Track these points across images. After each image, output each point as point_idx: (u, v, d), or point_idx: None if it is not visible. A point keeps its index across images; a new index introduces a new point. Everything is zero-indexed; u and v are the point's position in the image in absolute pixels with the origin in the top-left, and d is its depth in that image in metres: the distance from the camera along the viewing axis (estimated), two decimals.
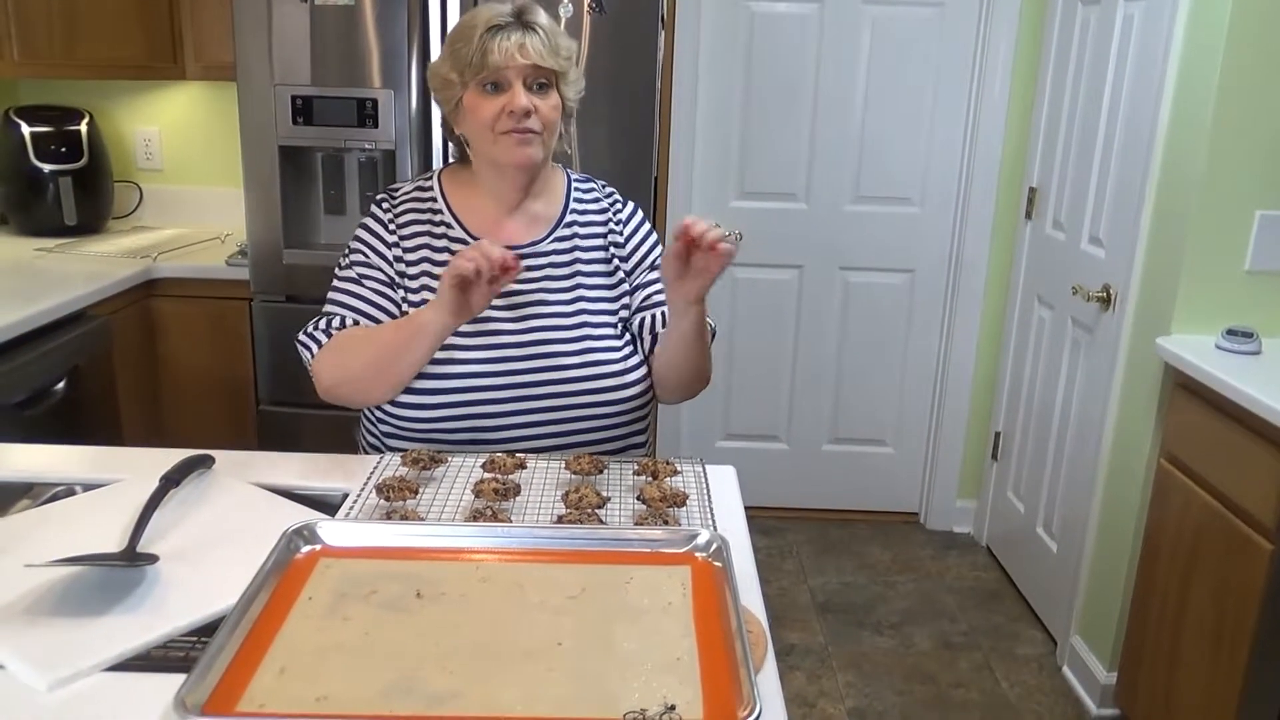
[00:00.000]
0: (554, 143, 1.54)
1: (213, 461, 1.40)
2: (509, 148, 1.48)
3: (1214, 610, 2.00)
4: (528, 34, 1.45)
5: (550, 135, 1.51)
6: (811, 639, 2.83)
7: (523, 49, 1.43)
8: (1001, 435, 3.32)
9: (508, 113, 1.45)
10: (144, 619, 1.02)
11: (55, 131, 2.93)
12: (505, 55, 1.43)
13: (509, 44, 1.43)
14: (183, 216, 3.27)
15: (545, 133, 1.49)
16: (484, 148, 1.52)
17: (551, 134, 1.51)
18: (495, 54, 1.43)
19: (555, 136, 1.53)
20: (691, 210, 3.27)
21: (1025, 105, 3.15)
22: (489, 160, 1.53)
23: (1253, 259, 2.20)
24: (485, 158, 1.54)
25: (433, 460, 1.39)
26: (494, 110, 1.46)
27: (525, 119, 1.45)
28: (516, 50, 1.43)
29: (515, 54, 1.43)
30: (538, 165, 1.52)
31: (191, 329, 2.75)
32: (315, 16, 2.45)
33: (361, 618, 1.00)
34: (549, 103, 1.48)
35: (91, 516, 1.24)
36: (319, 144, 2.56)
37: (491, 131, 1.48)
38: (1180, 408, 2.18)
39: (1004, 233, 3.26)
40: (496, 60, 1.43)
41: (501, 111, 1.45)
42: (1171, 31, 2.27)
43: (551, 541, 1.14)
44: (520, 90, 1.45)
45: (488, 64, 1.44)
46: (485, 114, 1.47)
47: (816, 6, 3.15)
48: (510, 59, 1.43)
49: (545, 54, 1.45)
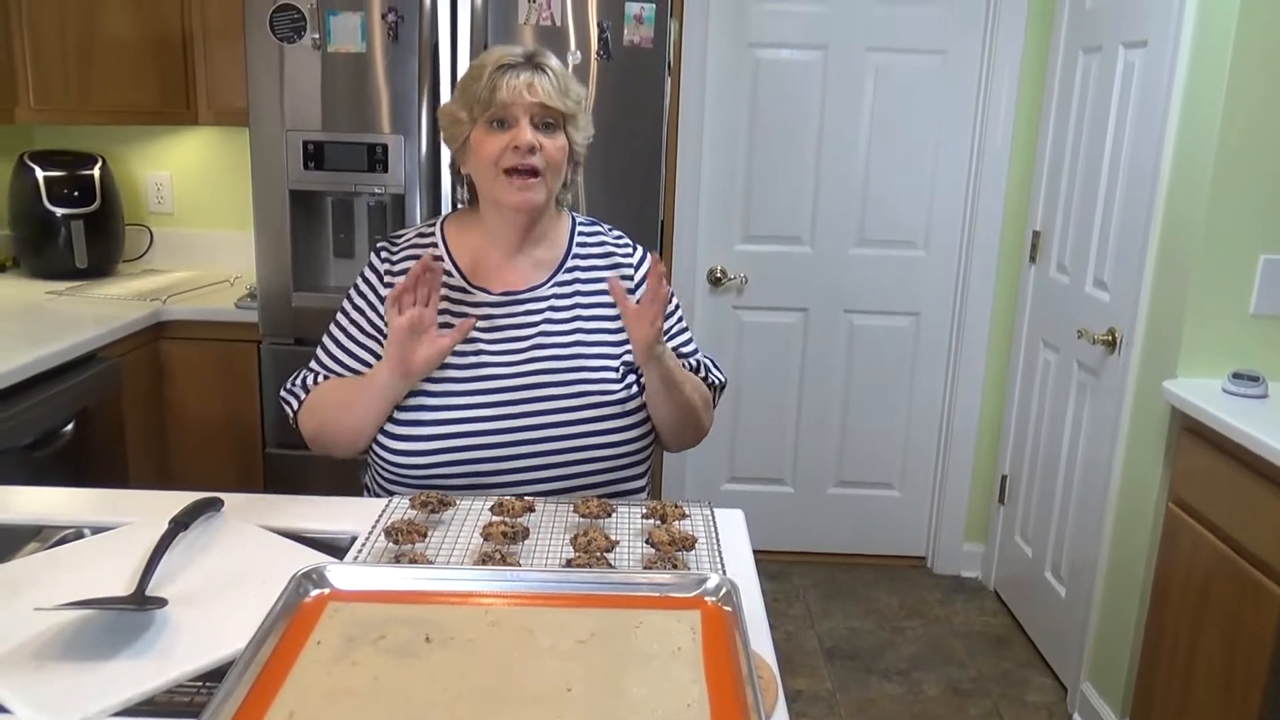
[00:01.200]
0: (557, 186, 1.55)
1: (221, 504, 1.40)
2: (510, 190, 1.50)
3: (1225, 656, 1.99)
4: (537, 74, 1.47)
5: (554, 177, 1.52)
6: (819, 685, 2.80)
7: (531, 87, 1.46)
8: (1008, 479, 3.31)
9: (512, 148, 1.47)
10: (152, 663, 1.02)
11: (68, 176, 2.97)
12: (513, 92, 1.45)
13: (518, 82, 1.46)
14: (193, 260, 3.30)
15: (548, 173, 1.50)
16: (486, 186, 1.53)
17: (555, 176, 1.52)
18: (503, 91, 1.45)
19: (559, 180, 1.55)
20: (697, 250, 3.30)
21: (1028, 150, 3.18)
22: (491, 200, 1.55)
23: (1257, 303, 2.21)
24: (488, 198, 1.55)
25: (441, 503, 1.39)
26: (499, 146, 1.48)
27: (529, 155, 1.47)
28: (525, 88, 1.45)
29: (523, 91, 1.45)
30: (538, 209, 1.54)
31: (200, 371, 2.76)
32: (327, 63, 2.50)
33: (370, 662, 0.99)
34: (555, 143, 1.50)
35: (100, 559, 1.24)
36: (329, 188, 2.59)
37: (495, 168, 1.49)
38: (1188, 451, 2.17)
39: (1008, 276, 3.28)
40: (504, 97, 1.45)
41: (506, 147, 1.47)
42: (1172, 78, 2.30)
43: (560, 586, 1.14)
44: (526, 127, 1.47)
45: (496, 100, 1.46)
46: (490, 150, 1.48)
47: (820, 54, 3.19)
48: (518, 96, 1.45)
49: (554, 94, 1.47)
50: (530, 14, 2.45)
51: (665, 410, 1.56)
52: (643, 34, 2.46)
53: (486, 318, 1.56)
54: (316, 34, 2.47)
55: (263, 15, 2.46)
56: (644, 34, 2.46)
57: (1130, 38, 2.55)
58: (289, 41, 2.48)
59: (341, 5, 2.46)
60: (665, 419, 1.57)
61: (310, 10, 2.46)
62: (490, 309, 1.57)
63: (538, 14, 2.44)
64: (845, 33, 3.17)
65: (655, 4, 2.45)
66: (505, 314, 1.57)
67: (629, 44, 2.47)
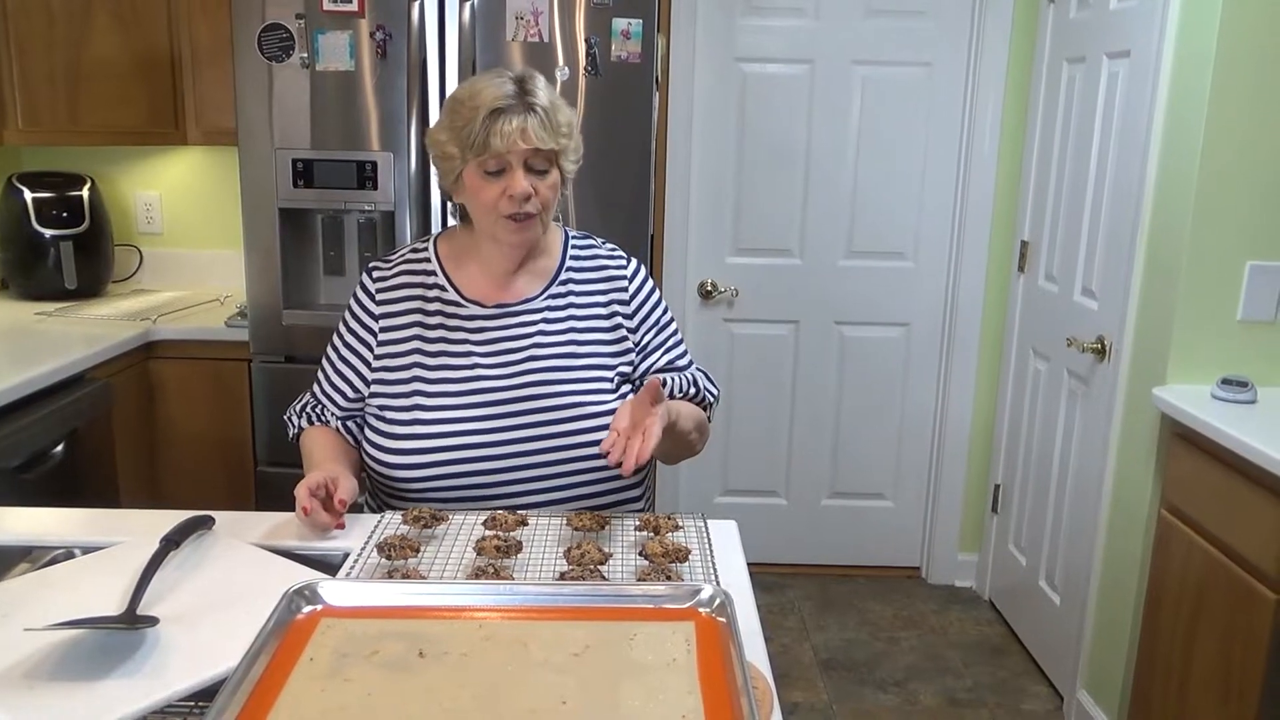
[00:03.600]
0: (551, 217, 1.58)
1: (213, 522, 1.39)
2: (508, 233, 1.52)
3: (1221, 662, 1.99)
4: (529, 115, 1.46)
5: (549, 213, 1.55)
6: (815, 697, 2.79)
7: (524, 134, 1.45)
8: (1001, 488, 3.32)
9: (508, 196, 1.48)
10: (144, 682, 1.01)
11: (57, 197, 2.96)
12: (508, 141, 1.45)
13: (510, 129, 1.45)
14: (183, 279, 3.30)
15: (544, 212, 1.53)
16: (485, 226, 1.55)
17: (549, 211, 1.55)
18: (497, 139, 1.45)
19: (553, 211, 1.57)
20: (687, 264, 3.31)
21: (1014, 160, 3.20)
22: (490, 236, 1.56)
23: (1244, 309, 2.22)
24: (485, 233, 1.57)
25: (434, 518, 1.38)
26: (495, 194, 1.49)
27: (525, 203, 1.49)
28: (519, 136, 1.45)
29: (517, 140, 1.45)
30: (537, 241, 1.57)
31: (191, 390, 2.76)
32: (316, 82, 2.50)
33: (364, 678, 0.99)
34: (547, 183, 1.51)
35: (91, 579, 1.23)
36: (319, 206, 2.59)
37: (494, 212, 1.51)
38: (1179, 458, 2.18)
39: (997, 286, 3.29)
40: (499, 146, 1.45)
41: (502, 195, 1.48)
42: (1155, 88, 2.32)
43: (554, 599, 1.13)
44: (520, 176, 1.47)
45: (490, 148, 1.46)
46: (486, 198, 1.50)
47: (807, 67, 3.21)
48: (513, 144, 1.45)
49: (545, 136, 1.47)
50: (518, 31, 2.46)
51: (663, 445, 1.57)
52: (630, 49, 2.47)
53: (480, 330, 1.57)
54: (305, 53, 2.47)
55: (251, 35, 2.47)
56: (631, 49, 2.48)
57: (1113, 48, 2.57)
58: (277, 61, 2.48)
59: (329, 24, 2.47)
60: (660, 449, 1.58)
61: (298, 30, 2.46)
62: (484, 321, 1.58)
63: (525, 31, 2.46)
64: (831, 46, 3.19)
65: (642, 20, 2.47)
66: (499, 325, 1.58)
67: (617, 59, 2.48)
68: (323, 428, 1.63)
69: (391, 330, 1.59)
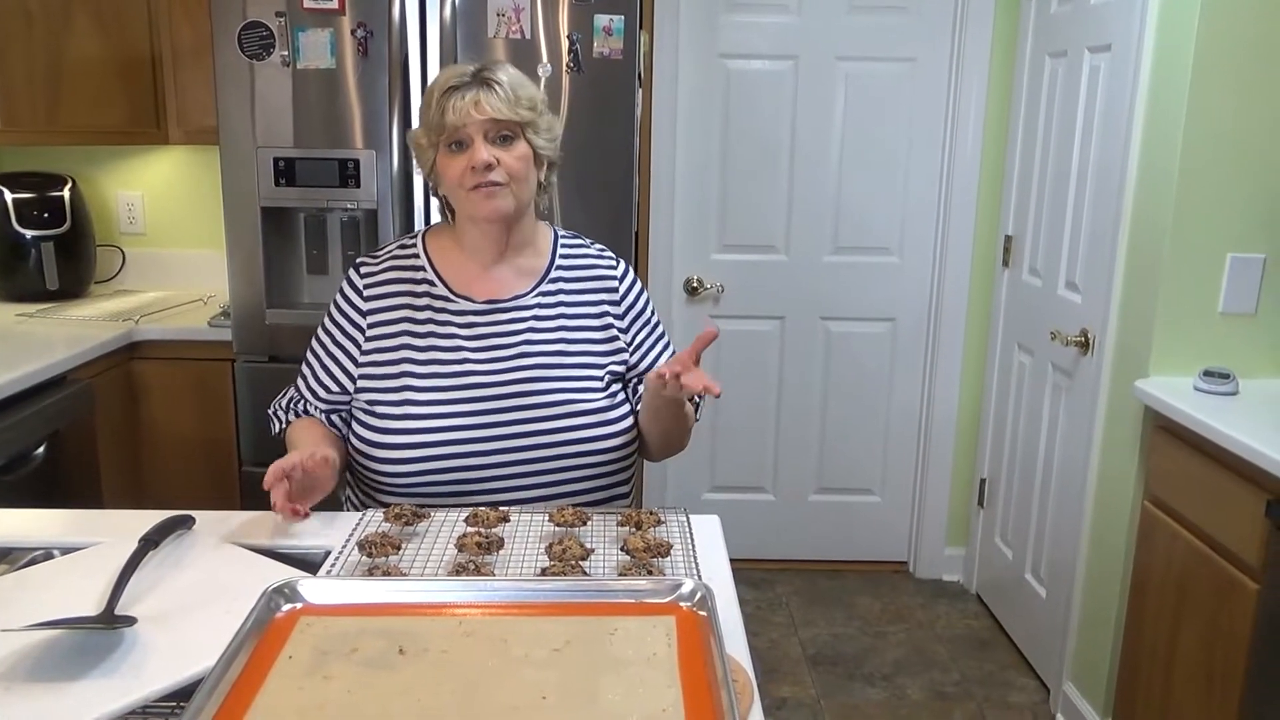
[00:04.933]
0: (527, 194, 1.55)
1: (193, 522, 1.38)
2: (478, 202, 1.51)
3: (1204, 653, 2.00)
4: (484, 90, 1.47)
5: (520, 186, 1.52)
6: (803, 692, 2.79)
7: (478, 105, 1.46)
8: (987, 482, 3.33)
9: (471, 168, 1.48)
10: (121, 683, 1.01)
11: (38, 198, 2.94)
12: (461, 113, 1.47)
13: (464, 102, 1.47)
14: (166, 280, 3.28)
15: (513, 183, 1.51)
16: (459, 205, 1.56)
17: (521, 184, 1.52)
18: (451, 113, 1.47)
19: (528, 187, 1.54)
20: (673, 260, 3.30)
21: (998, 155, 3.21)
22: (466, 216, 1.57)
23: (1225, 301, 2.23)
24: (463, 214, 1.58)
25: (415, 515, 1.38)
26: (460, 168, 1.49)
27: (488, 172, 1.48)
28: (472, 107, 1.46)
29: (471, 110, 1.46)
30: (509, 216, 1.54)
31: (174, 391, 2.74)
32: (297, 80, 2.49)
33: (343, 676, 0.98)
34: (513, 154, 1.50)
35: (69, 580, 1.22)
36: (301, 205, 2.58)
37: (461, 188, 1.51)
38: (1161, 450, 2.19)
39: (982, 280, 3.30)
40: (453, 119, 1.47)
41: (466, 168, 1.49)
42: (1136, 81, 2.33)
43: (535, 594, 1.13)
44: (481, 145, 1.48)
45: (447, 124, 1.48)
46: (453, 173, 1.51)
47: (791, 63, 3.21)
48: (467, 116, 1.46)
49: (503, 107, 1.47)
50: (499, 28, 2.45)
51: (659, 428, 1.61)
52: (612, 45, 2.47)
53: (470, 325, 1.57)
54: (285, 51, 2.46)
55: (231, 33, 2.46)
56: (613, 45, 2.47)
57: (1095, 42, 2.58)
58: (258, 59, 2.47)
59: (310, 22, 2.45)
60: (657, 436, 1.62)
61: (279, 28, 2.45)
62: (474, 317, 1.58)
63: (507, 27, 2.45)
64: (815, 42, 3.19)
65: (624, 16, 2.46)
66: (489, 322, 1.58)
67: (599, 55, 2.48)
68: (309, 419, 1.62)
69: (380, 326, 1.58)
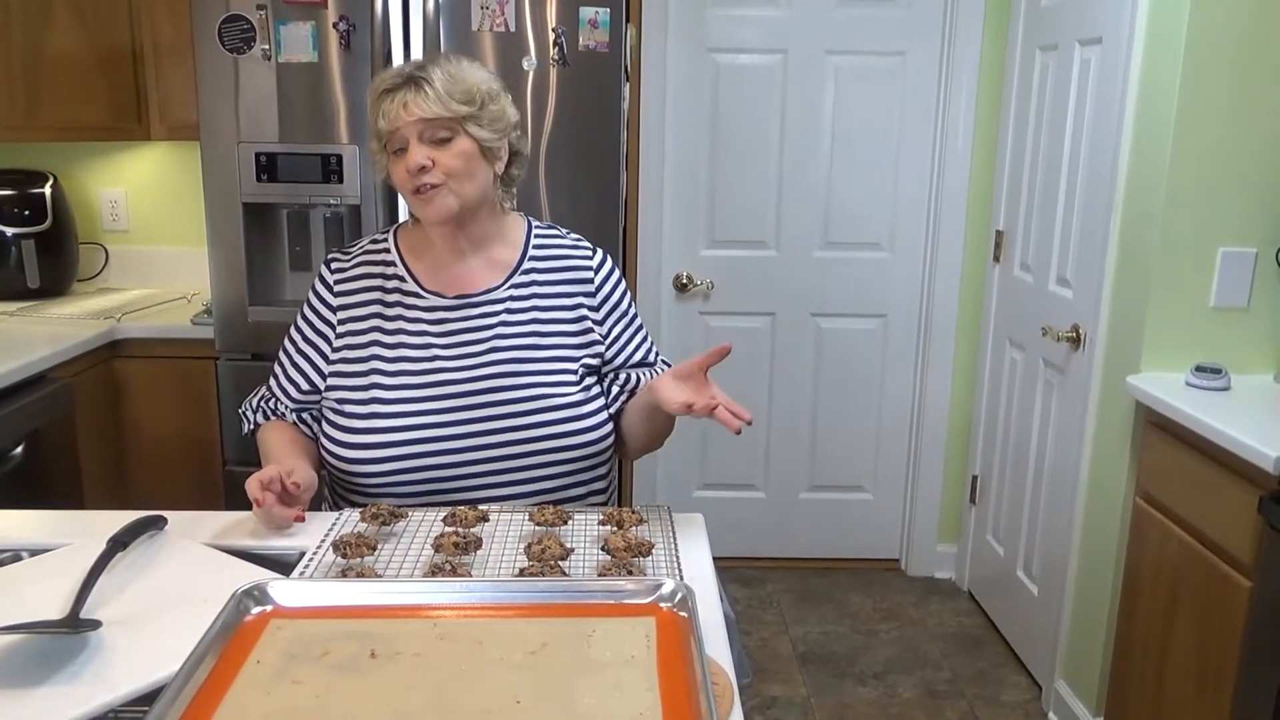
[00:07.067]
0: (472, 189, 1.49)
1: (165, 522, 1.36)
2: (420, 205, 1.49)
3: (1196, 650, 1.98)
4: (412, 91, 1.43)
5: (461, 183, 1.47)
6: (794, 691, 2.77)
7: (406, 107, 1.43)
8: (979, 478, 3.31)
9: (406, 171, 1.45)
10: (84, 688, 0.98)
11: (18, 195, 2.90)
12: (392, 118, 1.44)
13: (393, 105, 1.44)
14: (149, 277, 3.24)
15: (451, 181, 1.46)
16: (410, 207, 1.54)
17: (462, 181, 1.47)
18: (382, 119, 1.45)
19: (474, 183, 1.49)
20: (662, 256, 3.28)
21: (989, 150, 3.19)
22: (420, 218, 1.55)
23: (1217, 295, 2.21)
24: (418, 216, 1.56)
25: (393, 515, 1.35)
26: (402, 173, 1.47)
27: (422, 174, 1.45)
28: (401, 109, 1.43)
29: (400, 113, 1.43)
30: (454, 215, 1.50)
31: (156, 390, 2.71)
32: (280, 74, 2.46)
33: (313, 680, 0.96)
34: (449, 152, 1.46)
35: (35, 582, 1.19)
36: (284, 200, 2.55)
37: (407, 192, 1.49)
38: (1153, 446, 2.17)
39: (973, 276, 3.28)
40: (384, 126, 1.45)
41: (407, 172, 1.46)
42: (1127, 74, 2.31)
43: (512, 595, 1.10)
44: (415, 147, 1.45)
45: (380, 130, 1.46)
46: (398, 178, 1.49)
47: (780, 57, 3.19)
48: (398, 119, 1.44)
49: (431, 106, 1.43)
50: (483, 21, 2.42)
51: (648, 427, 1.59)
52: (598, 38, 2.44)
53: (440, 321, 1.54)
54: (266, 44, 2.43)
55: (211, 27, 2.42)
56: (599, 39, 2.44)
57: (1085, 35, 2.56)
58: (239, 53, 2.44)
59: (292, 15, 2.42)
60: (643, 435, 1.61)
61: (259, 21, 2.42)
62: (444, 313, 1.55)
63: (491, 20, 2.42)
64: (804, 36, 3.17)
65: (610, 9, 2.43)
66: (460, 317, 1.55)
67: (585, 49, 2.45)
68: (279, 423, 1.59)
69: (350, 322, 1.56)
